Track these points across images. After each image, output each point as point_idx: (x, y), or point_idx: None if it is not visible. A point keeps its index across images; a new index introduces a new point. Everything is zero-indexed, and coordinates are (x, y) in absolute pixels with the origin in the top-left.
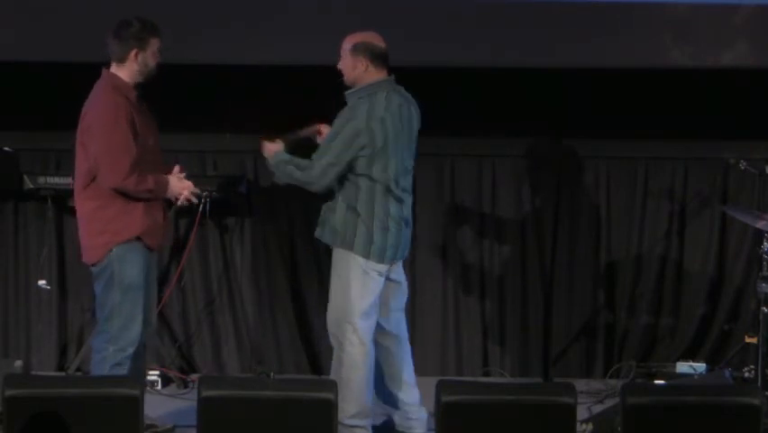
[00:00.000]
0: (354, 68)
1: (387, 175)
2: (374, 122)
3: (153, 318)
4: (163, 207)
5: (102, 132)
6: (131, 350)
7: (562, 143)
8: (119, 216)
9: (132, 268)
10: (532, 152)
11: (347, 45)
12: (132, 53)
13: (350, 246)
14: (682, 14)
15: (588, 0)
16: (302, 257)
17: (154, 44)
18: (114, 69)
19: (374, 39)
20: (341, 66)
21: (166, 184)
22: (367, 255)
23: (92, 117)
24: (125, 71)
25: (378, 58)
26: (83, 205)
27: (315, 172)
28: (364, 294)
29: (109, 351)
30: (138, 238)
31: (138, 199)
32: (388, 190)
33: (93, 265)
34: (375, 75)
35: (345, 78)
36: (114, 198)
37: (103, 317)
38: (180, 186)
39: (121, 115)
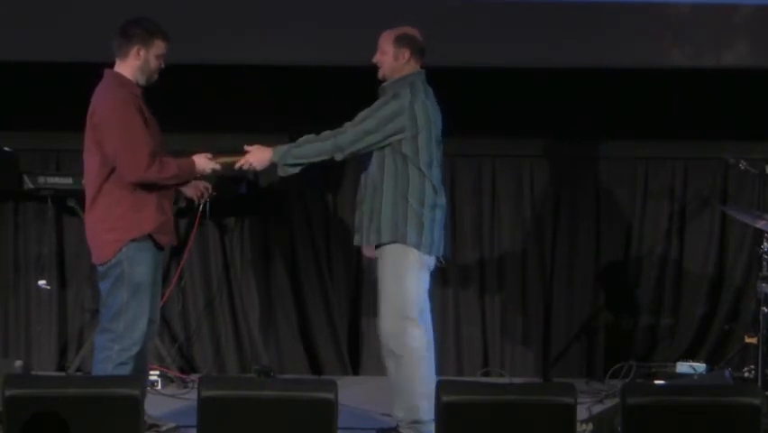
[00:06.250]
0: (396, 58)
1: (431, 163)
2: (417, 104)
3: (157, 316)
4: (172, 204)
5: (116, 127)
6: (135, 349)
7: (563, 143)
8: (130, 213)
9: (141, 267)
10: (532, 152)
11: (390, 36)
12: (135, 49)
13: (403, 239)
14: (682, 14)
15: (588, 0)
16: (302, 257)
17: (159, 46)
18: (116, 67)
19: (416, 33)
20: (379, 58)
21: (191, 164)
22: (419, 247)
23: (102, 114)
24: (127, 68)
25: (419, 51)
26: (94, 204)
27: (349, 137)
28: (420, 287)
29: (114, 350)
30: (149, 236)
31: (153, 190)
32: (432, 180)
33: (101, 265)
34: (414, 67)
35: (384, 68)
36: (126, 195)
37: (108, 316)
38: (207, 161)
39: (131, 108)
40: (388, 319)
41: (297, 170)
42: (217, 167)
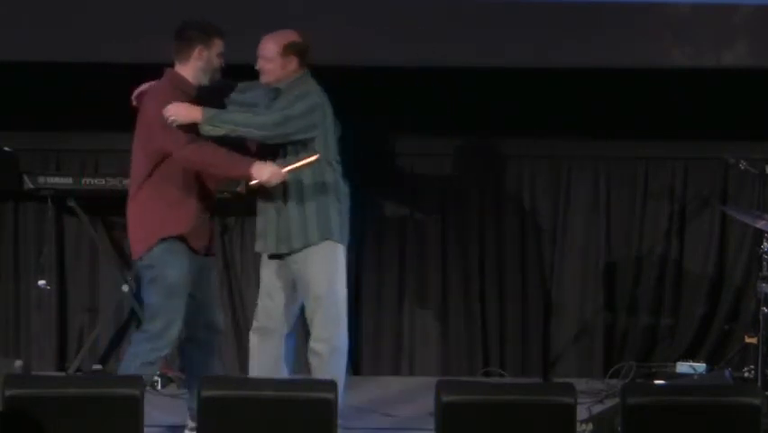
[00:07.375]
0: (284, 67)
1: (337, 159)
2: (326, 104)
3: (219, 321)
4: (208, 213)
5: (161, 122)
6: (166, 351)
7: (563, 143)
8: (166, 212)
9: (174, 270)
10: (532, 152)
11: (274, 48)
12: (197, 50)
13: (331, 235)
14: (682, 14)
15: (588, 0)
16: None
17: (218, 45)
18: (177, 68)
19: (298, 37)
20: (263, 66)
21: (244, 163)
22: (343, 241)
23: (152, 114)
24: (188, 70)
25: (305, 55)
26: (134, 201)
27: (275, 117)
28: (345, 284)
29: (145, 348)
30: (182, 238)
31: (192, 194)
32: (342, 176)
33: (139, 260)
34: (301, 70)
35: (269, 76)
36: (164, 194)
37: (147, 315)
38: (270, 168)
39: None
40: (322, 325)
41: (220, 131)
42: (284, 174)
